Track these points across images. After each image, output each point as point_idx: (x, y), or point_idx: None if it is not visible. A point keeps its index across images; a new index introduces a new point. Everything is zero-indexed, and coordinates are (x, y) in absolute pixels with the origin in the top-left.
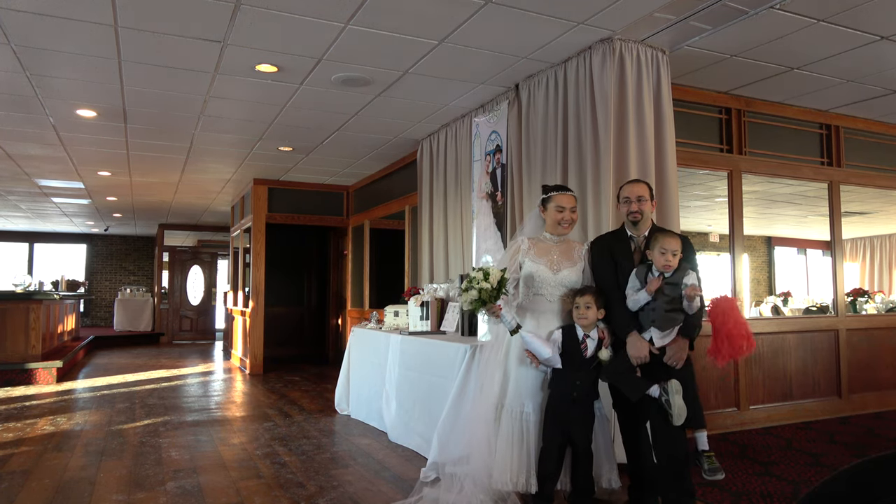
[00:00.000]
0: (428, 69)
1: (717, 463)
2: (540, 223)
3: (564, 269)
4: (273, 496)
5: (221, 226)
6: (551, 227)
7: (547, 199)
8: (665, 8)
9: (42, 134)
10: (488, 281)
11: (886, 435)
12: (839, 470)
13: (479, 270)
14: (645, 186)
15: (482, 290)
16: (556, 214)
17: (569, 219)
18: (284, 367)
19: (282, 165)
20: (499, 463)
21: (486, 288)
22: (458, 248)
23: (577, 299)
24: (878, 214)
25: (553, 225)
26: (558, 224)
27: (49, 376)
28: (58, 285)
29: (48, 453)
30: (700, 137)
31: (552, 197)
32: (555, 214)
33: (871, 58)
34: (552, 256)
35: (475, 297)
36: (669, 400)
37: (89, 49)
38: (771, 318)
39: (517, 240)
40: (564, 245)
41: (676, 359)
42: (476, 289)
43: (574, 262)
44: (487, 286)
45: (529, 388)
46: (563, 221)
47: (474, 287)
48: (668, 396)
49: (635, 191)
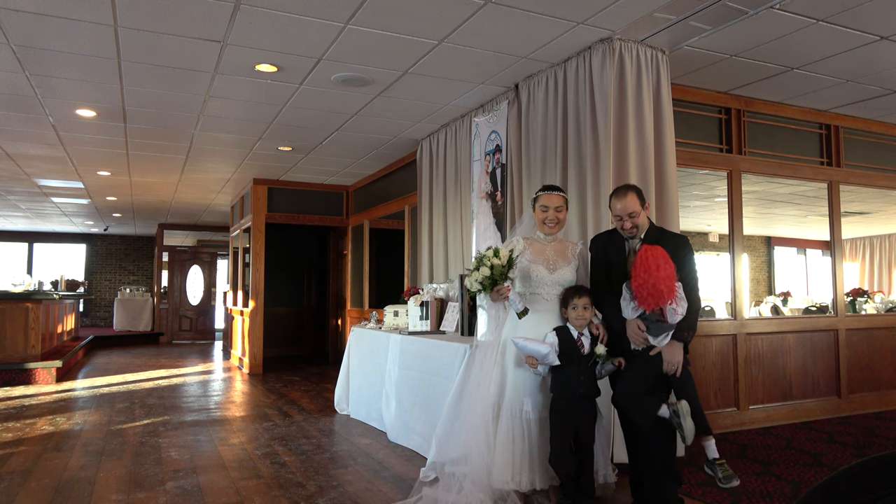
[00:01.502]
0: (428, 69)
1: (730, 470)
2: (534, 223)
3: (560, 269)
4: (273, 496)
5: (221, 226)
6: (539, 227)
7: (535, 199)
8: (665, 8)
9: (42, 134)
10: (498, 257)
11: (886, 435)
12: (839, 470)
13: (488, 249)
14: (634, 198)
15: (494, 266)
16: (541, 214)
17: (553, 218)
18: (284, 367)
19: (281, 165)
20: (499, 462)
21: (497, 264)
22: (458, 247)
23: (575, 300)
24: (878, 214)
25: (539, 224)
26: (543, 223)
27: (48, 376)
28: (57, 285)
29: (48, 453)
30: (700, 137)
31: (538, 197)
32: (539, 214)
33: (871, 58)
34: (547, 256)
35: (487, 275)
36: (680, 422)
37: (89, 49)
38: (771, 318)
39: (513, 239)
40: (558, 245)
41: (673, 364)
42: (487, 265)
43: (569, 262)
44: (499, 262)
45: (528, 386)
46: (547, 221)
47: (485, 264)
48: (679, 419)
49: (626, 207)
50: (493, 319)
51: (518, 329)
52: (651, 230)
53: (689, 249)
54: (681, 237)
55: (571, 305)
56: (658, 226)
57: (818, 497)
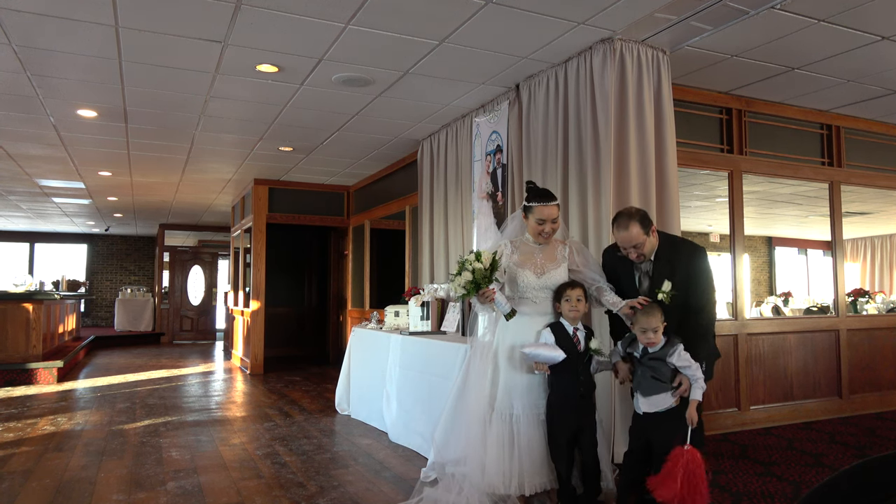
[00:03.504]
0: (428, 69)
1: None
2: (522, 227)
3: (549, 272)
4: (273, 496)
5: (222, 226)
6: (533, 237)
7: (528, 209)
8: (665, 8)
9: (43, 134)
10: (480, 261)
11: (887, 435)
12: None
13: (470, 253)
14: (636, 228)
15: (476, 270)
16: (536, 226)
17: (549, 231)
18: (285, 367)
19: (282, 165)
20: (490, 466)
21: (479, 268)
22: (459, 248)
23: (568, 292)
24: (879, 214)
25: (534, 235)
26: (539, 235)
27: (50, 376)
28: (58, 285)
29: (49, 453)
30: (700, 137)
31: (533, 209)
32: (534, 226)
33: (872, 58)
34: (536, 260)
35: (469, 279)
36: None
37: (90, 49)
38: (772, 318)
39: (500, 243)
40: (548, 247)
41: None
42: (469, 270)
43: (558, 263)
44: (480, 266)
45: (518, 389)
46: (543, 234)
47: (467, 269)
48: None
49: (631, 238)
50: (488, 319)
51: (506, 331)
52: (661, 247)
53: (704, 258)
54: (694, 245)
55: (565, 297)
56: (667, 235)
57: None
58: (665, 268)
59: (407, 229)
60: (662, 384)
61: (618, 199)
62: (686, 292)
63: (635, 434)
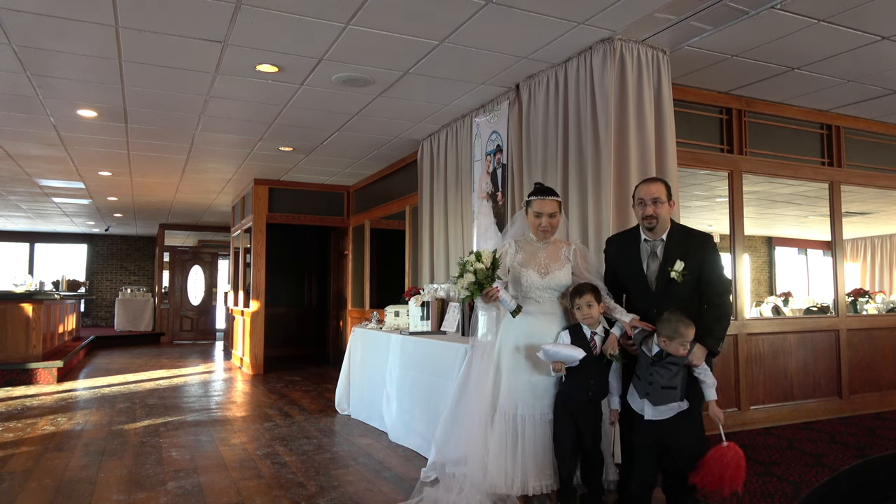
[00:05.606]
0: (428, 69)
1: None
2: (525, 226)
3: (553, 272)
4: (273, 496)
5: (222, 226)
6: (533, 232)
7: (528, 204)
8: (665, 8)
9: (43, 134)
10: (481, 261)
11: (887, 435)
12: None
13: (470, 254)
14: (661, 186)
15: (477, 271)
16: (534, 220)
17: (546, 225)
18: (285, 367)
19: (282, 165)
20: (493, 466)
21: (481, 268)
22: (459, 248)
23: (577, 301)
24: (879, 214)
25: (533, 230)
26: (537, 230)
27: (49, 376)
28: (58, 285)
29: (49, 453)
30: (700, 137)
31: (531, 202)
32: (533, 220)
33: (872, 58)
34: (539, 259)
35: (472, 280)
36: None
37: (90, 49)
38: (772, 318)
39: (504, 243)
40: (552, 247)
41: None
42: (471, 271)
43: (562, 264)
44: (482, 266)
45: (521, 389)
46: (540, 228)
47: (469, 270)
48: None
49: (651, 191)
50: (490, 319)
51: (509, 331)
52: (674, 229)
53: (715, 249)
54: (706, 236)
55: (576, 307)
56: (679, 224)
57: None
58: (678, 248)
59: (407, 229)
60: (673, 392)
61: (618, 199)
62: (699, 278)
63: (641, 435)
